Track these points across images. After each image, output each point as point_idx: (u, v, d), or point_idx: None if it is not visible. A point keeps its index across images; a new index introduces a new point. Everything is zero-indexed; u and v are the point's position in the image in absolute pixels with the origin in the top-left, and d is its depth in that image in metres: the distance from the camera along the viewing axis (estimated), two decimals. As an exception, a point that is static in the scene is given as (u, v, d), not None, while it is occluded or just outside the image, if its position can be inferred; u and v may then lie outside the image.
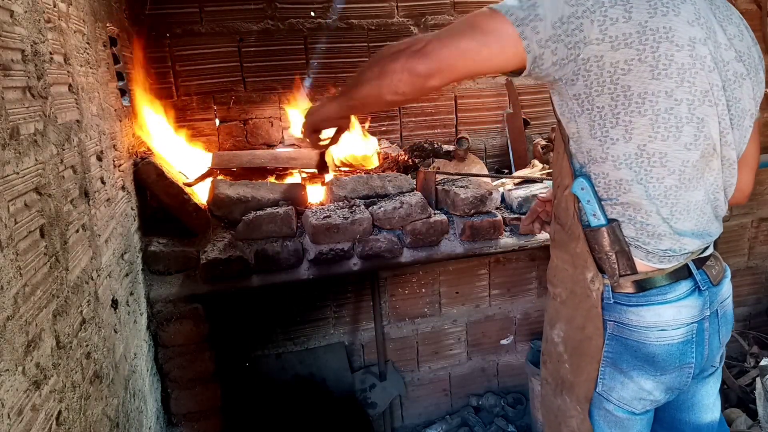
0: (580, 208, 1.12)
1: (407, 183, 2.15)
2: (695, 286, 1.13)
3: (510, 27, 0.99)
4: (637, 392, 1.15)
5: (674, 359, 1.12)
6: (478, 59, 1.02)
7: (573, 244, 1.15)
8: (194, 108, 2.44)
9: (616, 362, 1.15)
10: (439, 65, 1.04)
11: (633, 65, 0.98)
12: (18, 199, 0.87)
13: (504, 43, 1.00)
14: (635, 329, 1.12)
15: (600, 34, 0.97)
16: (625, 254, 1.10)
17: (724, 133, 1.08)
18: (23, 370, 0.83)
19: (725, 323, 1.22)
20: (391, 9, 2.58)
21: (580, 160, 1.11)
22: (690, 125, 1.02)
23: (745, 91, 1.10)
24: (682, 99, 1.00)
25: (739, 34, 1.10)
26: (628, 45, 0.97)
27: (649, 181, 1.05)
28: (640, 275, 1.11)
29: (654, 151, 1.03)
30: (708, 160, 1.08)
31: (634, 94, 1.00)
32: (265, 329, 2.23)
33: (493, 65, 1.04)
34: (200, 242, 1.91)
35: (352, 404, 2.30)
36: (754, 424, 2.36)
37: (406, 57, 1.05)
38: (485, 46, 1.01)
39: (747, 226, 2.97)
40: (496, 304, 2.53)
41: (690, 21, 0.99)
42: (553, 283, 1.26)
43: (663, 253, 1.10)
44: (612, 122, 1.03)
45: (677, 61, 0.98)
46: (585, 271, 1.14)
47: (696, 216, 1.11)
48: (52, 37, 1.12)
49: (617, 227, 1.09)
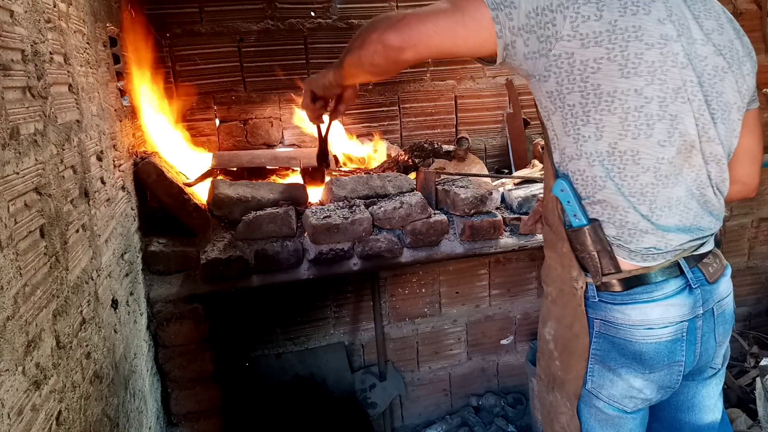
0: (562, 209, 1.13)
1: (407, 183, 2.15)
2: (686, 284, 1.12)
3: (486, 10, 0.99)
4: (627, 390, 1.15)
5: (662, 357, 1.12)
6: (453, 38, 1.02)
7: (560, 244, 1.16)
8: (194, 108, 2.45)
9: (604, 360, 1.15)
10: (414, 39, 1.03)
11: (602, 64, 0.98)
12: (18, 199, 0.87)
13: (479, 25, 1.00)
14: (621, 327, 1.12)
15: (571, 31, 0.98)
16: (608, 253, 1.10)
17: (705, 129, 1.07)
18: (23, 370, 0.83)
19: (722, 322, 1.20)
20: (390, 9, 2.58)
21: (557, 159, 1.12)
22: (662, 122, 1.02)
23: (727, 85, 1.09)
24: (652, 97, 1.01)
25: (718, 28, 1.09)
26: (598, 43, 0.97)
27: (623, 178, 1.05)
28: (624, 274, 1.11)
29: (626, 149, 1.03)
30: (686, 157, 1.07)
31: (603, 92, 1.00)
32: (265, 329, 2.23)
33: (467, 46, 1.04)
34: (200, 242, 1.91)
35: (352, 404, 2.30)
36: (754, 424, 2.36)
37: (383, 28, 1.05)
38: (461, 26, 1.01)
39: (747, 226, 2.97)
40: (496, 304, 2.53)
41: (661, 19, 0.99)
42: (546, 282, 1.27)
43: (646, 251, 1.09)
44: (583, 120, 1.03)
45: (647, 59, 0.99)
46: (571, 270, 1.15)
47: (680, 212, 1.10)
48: (52, 37, 1.12)
49: (598, 227, 1.10)
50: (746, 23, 2.62)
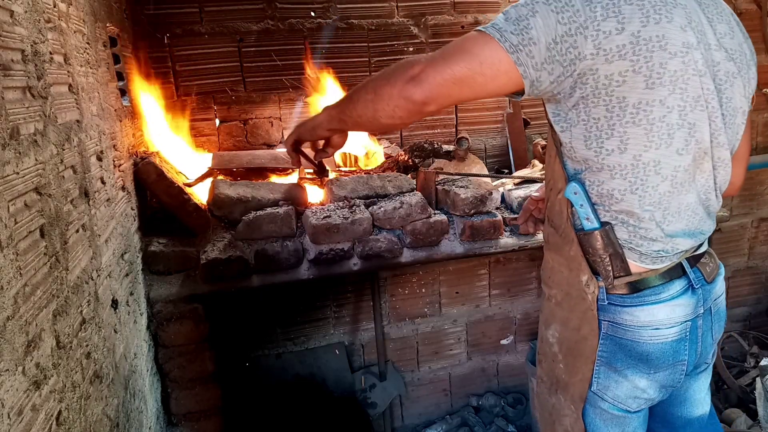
0: (573, 212, 1.13)
1: (407, 183, 2.15)
2: (689, 284, 1.14)
3: (504, 54, 0.98)
4: (632, 390, 1.16)
5: (667, 357, 1.13)
6: (474, 86, 1.02)
7: (567, 247, 1.16)
8: (194, 108, 2.45)
9: (610, 361, 1.15)
10: (435, 93, 1.03)
11: (627, 76, 0.98)
12: (18, 199, 0.87)
13: (498, 70, 1.00)
14: (629, 328, 1.12)
15: (594, 49, 0.97)
16: (619, 256, 1.10)
17: (716, 135, 1.08)
18: (23, 370, 0.83)
19: (718, 320, 1.23)
20: (391, 9, 2.59)
21: (574, 167, 1.12)
22: (681, 131, 1.03)
23: (736, 90, 1.10)
24: (673, 106, 1.00)
25: (729, 32, 1.09)
26: (622, 57, 0.97)
27: (645, 190, 1.05)
28: (633, 276, 1.11)
29: (649, 160, 1.03)
30: (699, 163, 1.08)
31: (629, 104, 1.00)
32: (265, 329, 2.23)
33: (488, 91, 1.05)
34: (200, 242, 1.91)
35: (352, 404, 2.30)
36: (754, 424, 2.36)
37: (402, 83, 1.04)
38: (480, 74, 1.00)
39: (747, 226, 2.97)
40: (496, 304, 2.53)
41: (683, 26, 0.99)
42: (548, 284, 1.26)
43: (656, 254, 1.10)
44: (607, 133, 1.03)
45: (670, 68, 0.98)
46: (580, 274, 1.14)
47: (687, 217, 1.11)
48: (52, 37, 1.12)
49: (610, 230, 1.09)
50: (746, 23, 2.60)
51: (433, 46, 2.68)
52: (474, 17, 2.70)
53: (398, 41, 2.64)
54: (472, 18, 2.70)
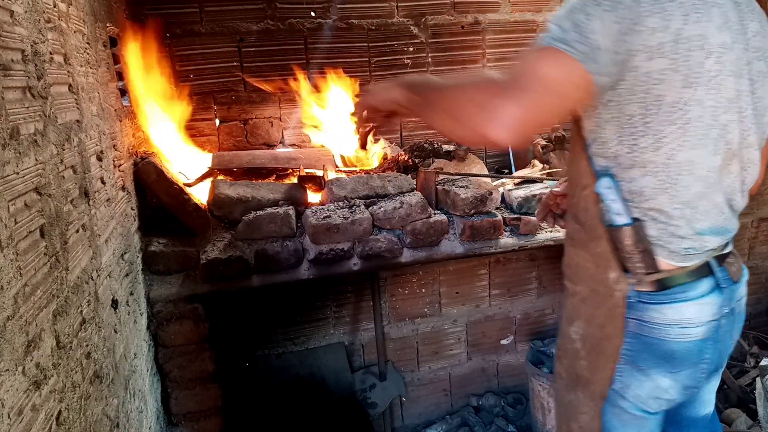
0: (603, 207, 1.12)
1: (407, 183, 2.15)
2: (716, 283, 1.13)
3: (576, 66, 0.96)
4: (654, 390, 1.16)
5: (692, 356, 1.13)
6: (561, 109, 1.05)
7: (594, 243, 1.15)
8: (194, 108, 2.44)
9: (635, 360, 1.15)
10: (513, 128, 0.98)
11: (666, 74, 0.97)
12: (18, 199, 0.87)
13: (577, 83, 0.99)
14: (656, 326, 1.11)
15: (639, 46, 0.96)
16: (649, 253, 1.09)
17: (745, 135, 1.08)
18: (23, 370, 0.82)
19: (739, 321, 1.23)
20: (391, 9, 2.59)
21: (603, 163, 1.10)
22: (713, 131, 1.03)
23: (766, 90, 1.10)
24: (708, 106, 1.00)
25: (761, 31, 1.09)
26: (663, 54, 0.96)
27: (676, 189, 1.05)
28: (663, 273, 1.10)
29: (683, 159, 1.03)
30: (727, 164, 1.08)
31: (665, 103, 0.99)
32: (265, 329, 2.23)
33: (571, 103, 1.06)
34: (200, 242, 1.91)
35: (352, 404, 2.30)
36: (754, 424, 2.36)
37: (485, 118, 0.99)
38: (565, 98, 1.01)
39: (747, 226, 2.97)
40: (496, 304, 2.53)
41: (719, 26, 0.99)
42: (573, 280, 1.24)
43: (685, 252, 1.10)
44: (642, 131, 1.02)
45: (707, 68, 0.98)
46: (608, 271, 1.13)
47: (714, 215, 1.11)
48: (52, 37, 1.12)
49: (641, 227, 1.09)
50: None
51: (433, 46, 2.69)
52: (474, 17, 2.70)
53: (398, 41, 2.64)
54: (472, 18, 2.70)
